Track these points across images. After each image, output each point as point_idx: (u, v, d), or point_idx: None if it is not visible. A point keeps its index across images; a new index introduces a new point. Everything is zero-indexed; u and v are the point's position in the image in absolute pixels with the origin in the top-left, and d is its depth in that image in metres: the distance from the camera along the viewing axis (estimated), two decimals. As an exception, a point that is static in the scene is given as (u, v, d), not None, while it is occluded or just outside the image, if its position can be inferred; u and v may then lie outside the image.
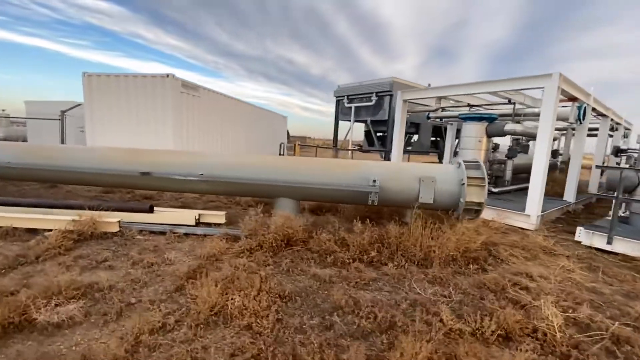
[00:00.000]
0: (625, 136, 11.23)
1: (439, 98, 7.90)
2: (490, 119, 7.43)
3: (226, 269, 3.18)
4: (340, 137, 14.14)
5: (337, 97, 13.02)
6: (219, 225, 4.76)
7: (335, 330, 2.38)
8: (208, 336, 2.22)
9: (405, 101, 8.28)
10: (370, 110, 11.57)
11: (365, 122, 12.28)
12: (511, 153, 7.92)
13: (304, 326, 2.40)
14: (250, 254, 3.67)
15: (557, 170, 11.40)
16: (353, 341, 2.24)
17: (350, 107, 12.27)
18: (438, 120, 9.88)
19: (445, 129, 13.78)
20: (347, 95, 12.39)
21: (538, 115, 7.36)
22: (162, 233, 4.23)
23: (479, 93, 7.50)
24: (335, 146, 13.39)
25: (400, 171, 4.61)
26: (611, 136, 10.77)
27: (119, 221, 4.15)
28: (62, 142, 8.47)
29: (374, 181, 4.34)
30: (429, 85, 12.64)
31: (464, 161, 4.54)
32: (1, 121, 15.41)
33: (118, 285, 2.84)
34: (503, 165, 8.14)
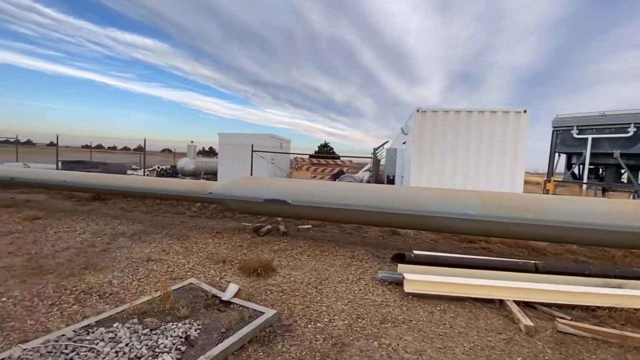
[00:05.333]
0: None
1: None
2: None
3: None
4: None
5: (556, 127, 12.22)
6: None
7: None
8: None
9: None
10: (620, 142, 10.59)
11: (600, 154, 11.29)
12: None
13: None
14: None
15: None
16: None
17: (582, 138, 11.40)
18: None
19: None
20: (577, 126, 11.55)
21: None
22: None
23: None
24: (550, 178, 12.44)
25: None
26: None
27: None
28: (376, 178, 8.37)
29: None
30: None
31: None
32: (190, 152, 16.12)
33: None
34: None
